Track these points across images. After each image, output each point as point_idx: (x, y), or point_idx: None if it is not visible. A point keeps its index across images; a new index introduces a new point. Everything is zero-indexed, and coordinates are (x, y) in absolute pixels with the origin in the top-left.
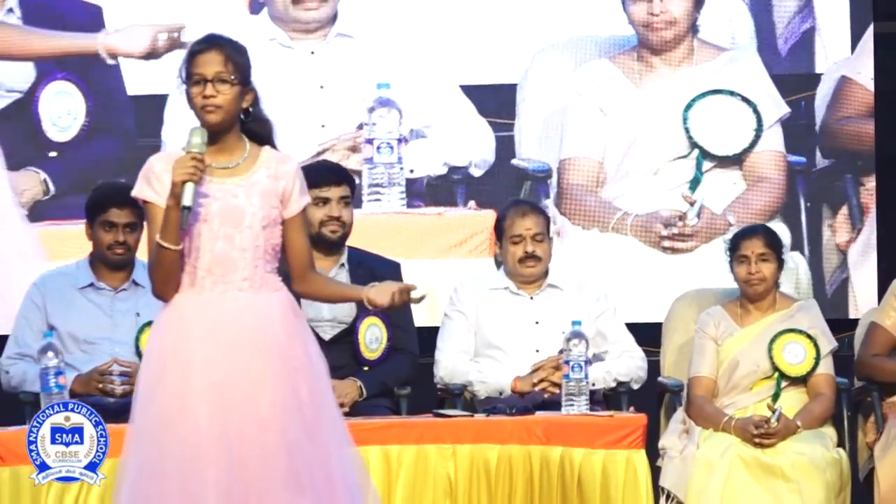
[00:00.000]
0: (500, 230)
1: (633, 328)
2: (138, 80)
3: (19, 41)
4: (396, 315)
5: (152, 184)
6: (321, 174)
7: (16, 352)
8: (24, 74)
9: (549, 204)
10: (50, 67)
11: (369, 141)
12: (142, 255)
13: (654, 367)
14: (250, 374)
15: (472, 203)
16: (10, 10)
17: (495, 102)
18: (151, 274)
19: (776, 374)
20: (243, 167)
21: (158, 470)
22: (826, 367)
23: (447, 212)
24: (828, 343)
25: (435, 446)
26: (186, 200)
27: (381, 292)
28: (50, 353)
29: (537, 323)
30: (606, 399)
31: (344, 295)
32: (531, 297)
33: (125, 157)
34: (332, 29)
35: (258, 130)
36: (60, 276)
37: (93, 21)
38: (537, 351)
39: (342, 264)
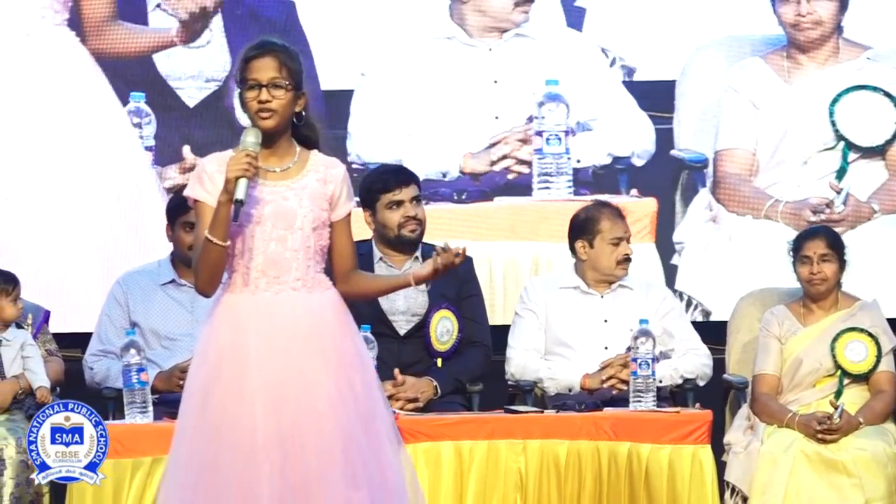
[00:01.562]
0: (589, 230)
1: (699, 327)
2: (329, 74)
3: (128, 40)
4: (468, 308)
5: (204, 184)
6: (389, 178)
7: (99, 349)
8: (221, 65)
9: (705, 192)
10: None
11: (539, 133)
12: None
13: (719, 365)
14: (306, 370)
15: (634, 191)
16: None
17: (656, 97)
18: (196, 270)
19: (839, 372)
20: (294, 170)
21: (214, 464)
22: (887, 364)
23: (611, 199)
24: (889, 341)
25: (506, 441)
26: (239, 194)
27: (424, 265)
28: (132, 351)
29: (606, 321)
30: (673, 396)
31: (389, 286)
32: (601, 296)
33: None
34: (510, 29)
35: (308, 134)
36: (142, 273)
37: (287, 17)
38: (606, 348)
39: (416, 257)
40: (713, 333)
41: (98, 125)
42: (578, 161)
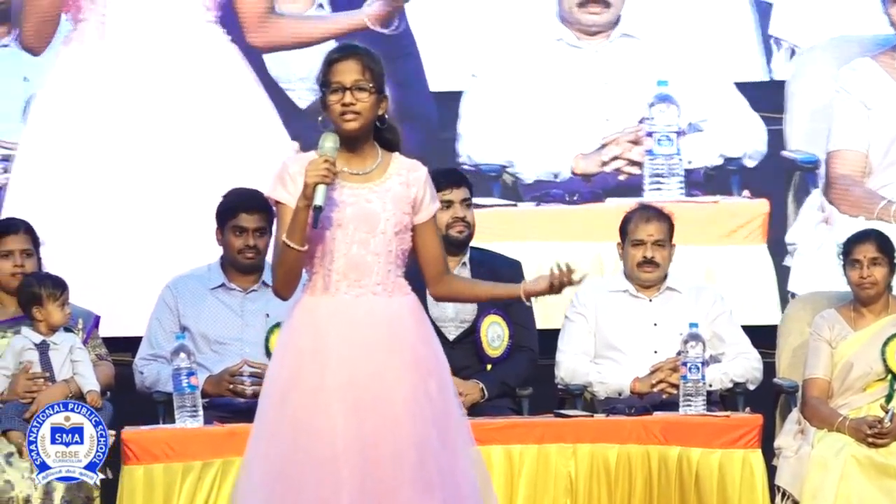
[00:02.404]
0: (624, 232)
1: (749, 330)
2: (439, 75)
3: (293, 30)
4: (518, 313)
5: (287, 185)
6: (441, 178)
7: (149, 353)
8: None
9: (817, 193)
10: None
11: (650, 134)
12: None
13: (769, 369)
14: (384, 374)
15: (745, 192)
16: (320, 6)
17: (767, 98)
18: (274, 272)
19: (889, 376)
20: (376, 173)
21: (293, 469)
22: None
23: (723, 200)
24: None
25: (556, 446)
26: (318, 200)
27: (537, 281)
28: (182, 355)
29: (656, 325)
30: (723, 400)
31: (493, 294)
32: (650, 300)
33: (426, 150)
34: (616, 30)
35: (390, 138)
36: (192, 278)
37: (398, 19)
38: (655, 352)
39: (464, 263)
40: (763, 337)
41: (244, 123)
42: (690, 162)
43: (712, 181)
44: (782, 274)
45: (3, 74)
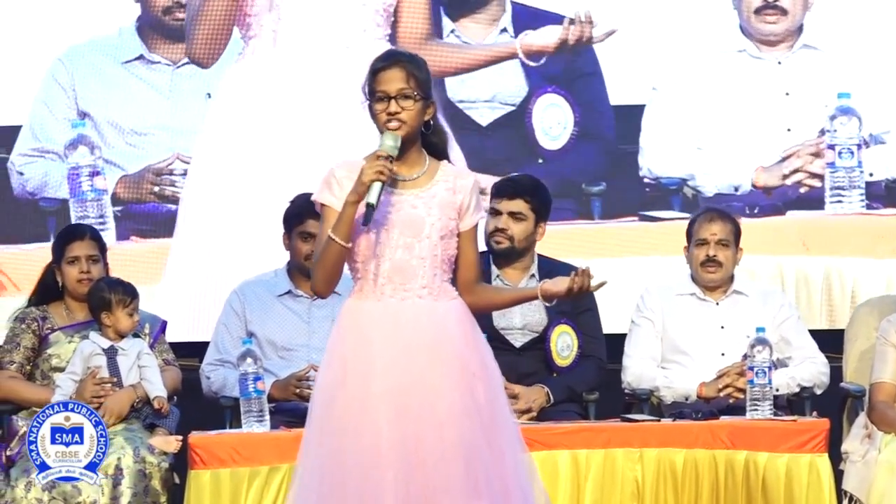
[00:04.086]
0: (688, 234)
1: (816, 335)
2: (620, 89)
3: (447, 57)
4: (585, 323)
5: (332, 189)
6: (501, 185)
7: (216, 358)
8: (516, 89)
9: None
10: (540, 82)
11: (831, 146)
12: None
13: (836, 373)
14: (429, 378)
15: None
16: (504, 30)
17: None
18: (315, 268)
19: None
20: (423, 180)
21: (338, 473)
22: None
23: None
24: None
25: (622, 450)
26: (371, 198)
27: (556, 282)
28: (249, 360)
29: (723, 328)
30: (790, 404)
31: (516, 298)
32: (717, 303)
33: (605, 164)
34: (799, 40)
35: (437, 142)
36: (259, 283)
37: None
38: (723, 355)
39: (532, 275)
40: (830, 342)
41: None
42: (871, 174)
43: (894, 194)
44: None
45: (187, 92)
